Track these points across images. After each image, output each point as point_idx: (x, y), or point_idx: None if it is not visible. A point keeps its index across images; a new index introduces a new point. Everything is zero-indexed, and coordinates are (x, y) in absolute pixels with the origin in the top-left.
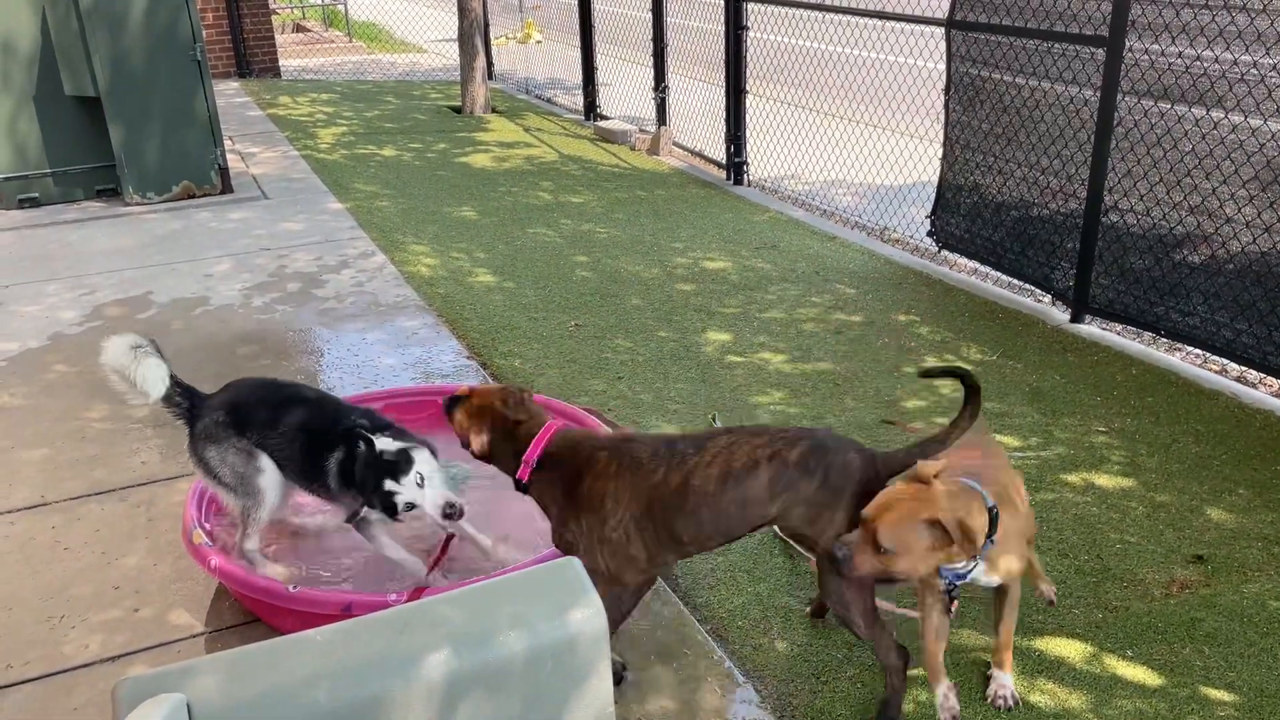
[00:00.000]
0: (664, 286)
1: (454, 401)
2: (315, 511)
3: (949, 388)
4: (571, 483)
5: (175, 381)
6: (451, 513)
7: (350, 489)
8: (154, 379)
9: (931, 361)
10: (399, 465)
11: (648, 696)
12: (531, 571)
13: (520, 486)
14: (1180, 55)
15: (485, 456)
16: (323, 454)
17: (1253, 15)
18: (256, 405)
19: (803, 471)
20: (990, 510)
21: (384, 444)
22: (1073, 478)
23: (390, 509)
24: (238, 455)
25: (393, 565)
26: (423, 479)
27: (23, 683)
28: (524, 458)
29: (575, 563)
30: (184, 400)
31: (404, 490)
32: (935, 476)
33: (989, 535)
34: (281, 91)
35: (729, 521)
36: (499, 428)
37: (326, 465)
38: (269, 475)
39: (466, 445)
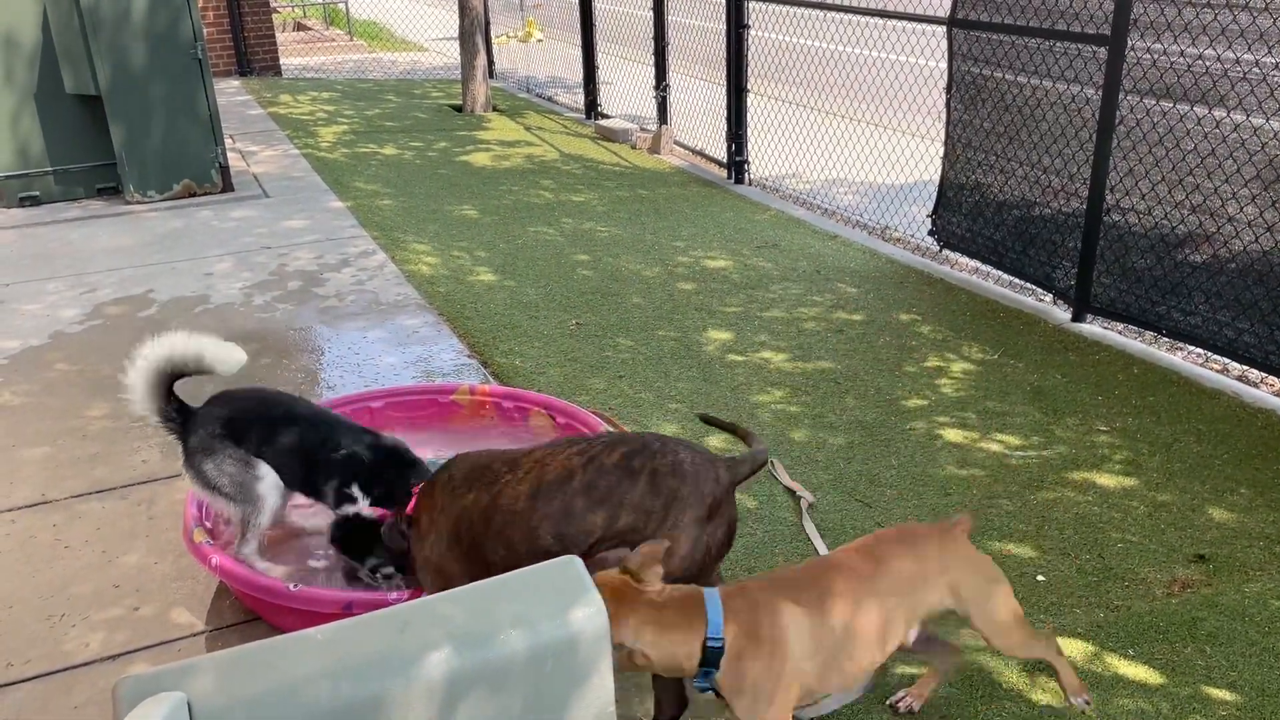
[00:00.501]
0: (665, 285)
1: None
2: (315, 512)
3: (950, 386)
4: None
5: (173, 399)
6: None
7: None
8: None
9: (934, 361)
10: None
11: (648, 696)
12: (532, 570)
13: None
14: (1182, 54)
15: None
16: (320, 478)
17: (1255, 14)
18: (252, 419)
19: (624, 474)
20: (709, 640)
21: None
22: (1074, 477)
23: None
24: (235, 464)
25: None
26: None
27: (23, 681)
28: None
29: (576, 561)
30: (177, 415)
31: None
32: (644, 575)
33: (704, 664)
34: (282, 90)
35: (544, 541)
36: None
37: (324, 490)
38: (268, 481)
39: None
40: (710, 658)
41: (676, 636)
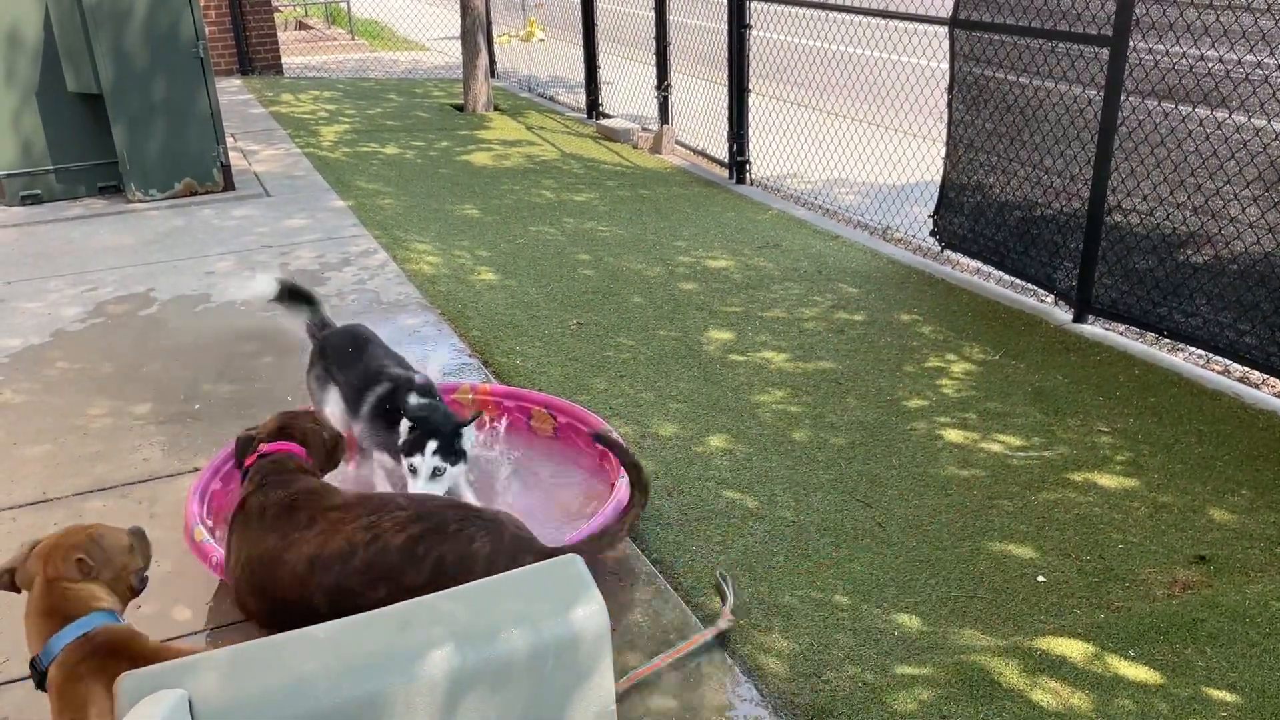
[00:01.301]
0: (666, 285)
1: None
2: None
3: (951, 386)
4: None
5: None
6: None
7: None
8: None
9: (935, 361)
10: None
11: (649, 695)
12: (534, 569)
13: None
14: (1184, 55)
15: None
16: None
17: (1257, 15)
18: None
19: (407, 558)
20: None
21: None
22: (1075, 477)
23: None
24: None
25: None
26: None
27: (25, 678)
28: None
29: (577, 560)
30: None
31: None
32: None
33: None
34: (284, 89)
35: (320, 607)
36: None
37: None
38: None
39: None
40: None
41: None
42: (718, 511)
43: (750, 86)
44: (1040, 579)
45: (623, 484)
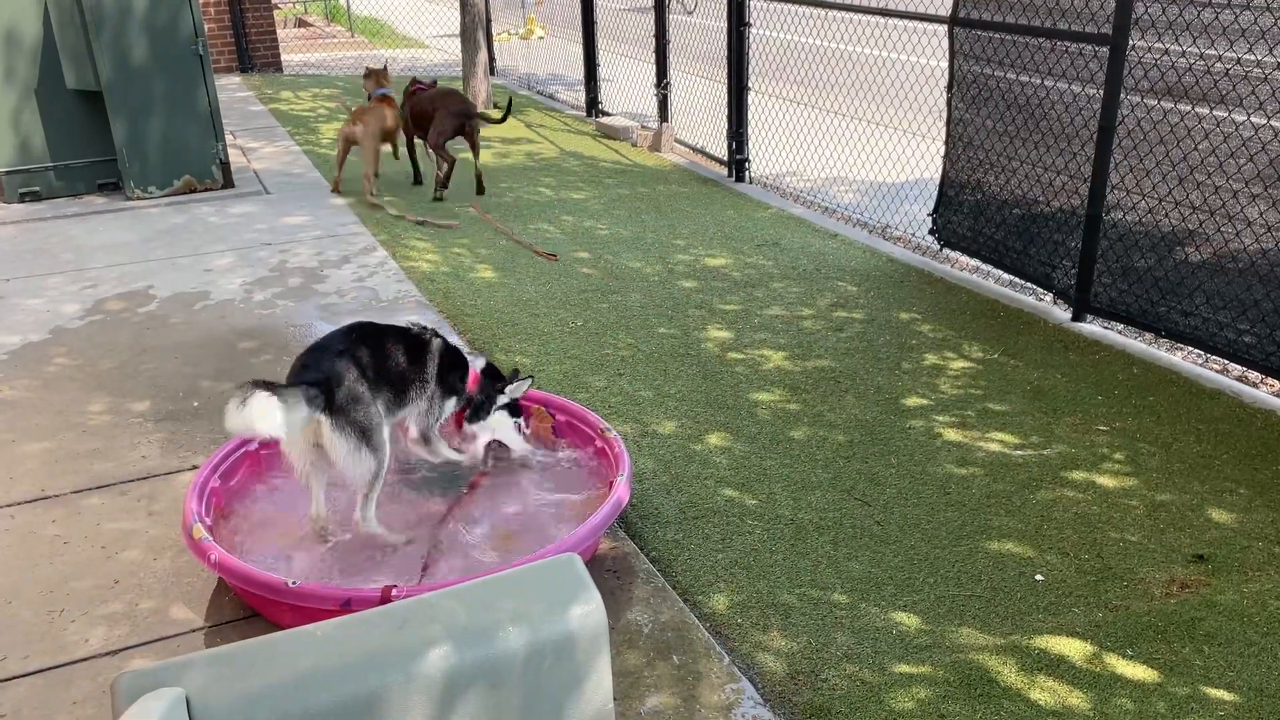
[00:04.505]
0: (665, 283)
1: None
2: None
3: (949, 385)
4: None
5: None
6: None
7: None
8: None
9: (933, 360)
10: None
11: (648, 694)
12: (532, 567)
13: None
14: (1184, 53)
15: None
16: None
17: (1256, 13)
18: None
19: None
20: None
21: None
22: (1073, 476)
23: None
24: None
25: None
26: None
27: (23, 676)
28: None
29: (575, 559)
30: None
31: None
32: None
33: None
34: (283, 86)
35: None
36: None
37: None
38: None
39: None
40: None
41: None
42: (716, 510)
43: (750, 84)
44: (1038, 578)
45: (621, 482)
